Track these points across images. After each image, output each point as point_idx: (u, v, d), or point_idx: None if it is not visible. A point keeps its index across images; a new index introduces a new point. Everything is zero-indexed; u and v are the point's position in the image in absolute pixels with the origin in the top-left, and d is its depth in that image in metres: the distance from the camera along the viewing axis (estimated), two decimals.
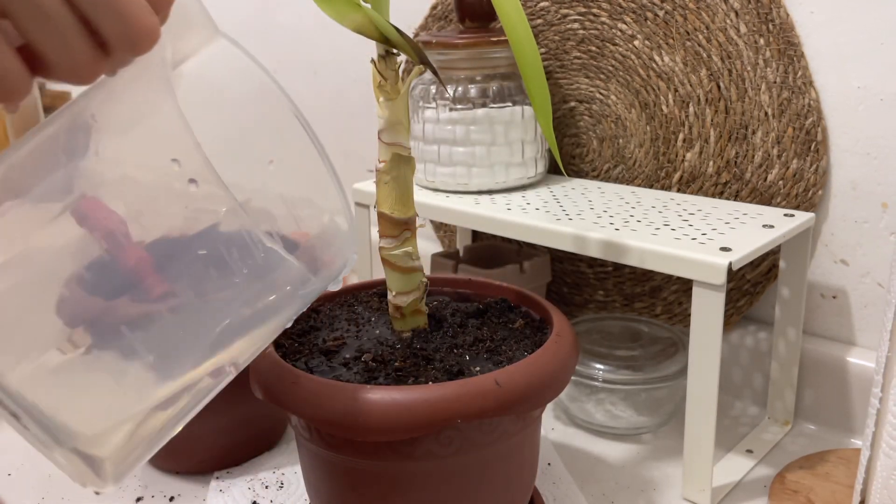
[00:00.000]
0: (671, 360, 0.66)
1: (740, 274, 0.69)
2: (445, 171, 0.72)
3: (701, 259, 0.52)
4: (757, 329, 0.70)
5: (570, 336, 0.47)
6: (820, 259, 0.66)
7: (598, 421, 0.67)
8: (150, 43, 0.29)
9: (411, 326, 0.49)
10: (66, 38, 0.27)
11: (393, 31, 0.42)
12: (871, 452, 0.49)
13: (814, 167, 0.64)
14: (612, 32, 0.72)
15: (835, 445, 0.64)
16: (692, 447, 0.56)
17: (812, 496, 0.56)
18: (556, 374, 0.44)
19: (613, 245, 0.57)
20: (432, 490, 0.44)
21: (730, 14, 0.65)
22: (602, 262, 0.78)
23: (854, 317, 0.66)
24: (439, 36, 0.71)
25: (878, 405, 0.47)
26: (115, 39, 0.28)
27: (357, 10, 0.42)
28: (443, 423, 0.40)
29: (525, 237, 0.63)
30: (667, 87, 0.70)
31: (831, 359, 0.65)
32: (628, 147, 0.74)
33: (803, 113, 0.63)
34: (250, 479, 0.61)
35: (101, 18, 0.27)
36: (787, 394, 0.66)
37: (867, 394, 0.63)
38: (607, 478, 0.61)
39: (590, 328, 0.72)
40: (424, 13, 0.85)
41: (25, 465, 0.64)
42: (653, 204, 0.66)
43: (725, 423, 0.68)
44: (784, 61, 0.63)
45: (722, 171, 0.68)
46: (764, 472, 0.60)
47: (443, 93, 0.71)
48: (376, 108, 0.45)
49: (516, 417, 0.43)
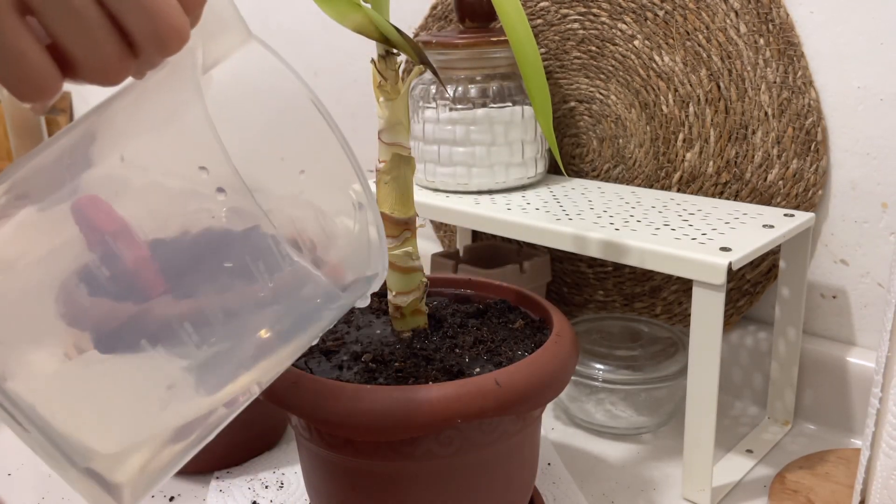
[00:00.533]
0: (671, 360, 0.66)
1: (740, 274, 0.69)
2: (445, 171, 0.72)
3: (701, 259, 0.52)
4: (757, 329, 0.70)
5: (570, 336, 0.47)
6: (820, 259, 0.66)
7: (598, 421, 0.67)
8: (180, 43, 0.28)
9: (411, 326, 0.49)
10: (95, 36, 0.27)
11: (393, 31, 0.42)
12: (870, 452, 0.49)
13: (814, 167, 0.64)
14: (612, 32, 0.72)
15: (835, 445, 0.64)
16: (692, 447, 0.56)
17: (812, 496, 0.56)
18: (556, 374, 0.44)
19: (613, 245, 0.57)
20: (432, 490, 0.44)
21: (730, 14, 0.65)
22: (602, 262, 0.78)
23: (854, 317, 0.66)
24: (439, 36, 0.71)
25: (877, 405, 0.47)
26: (144, 39, 0.27)
27: (357, 11, 0.42)
28: (443, 424, 0.40)
29: (525, 237, 0.63)
30: (667, 87, 0.70)
31: (831, 359, 0.65)
32: (628, 147, 0.74)
33: (803, 113, 0.63)
34: (250, 479, 0.61)
35: (130, 17, 0.27)
36: (786, 394, 0.66)
37: (867, 394, 0.63)
38: (607, 478, 0.61)
39: (590, 328, 0.72)
40: (424, 13, 0.85)
41: (26, 465, 0.64)
42: (653, 204, 0.66)
43: (725, 422, 0.68)
44: (784, 61, 0.63)
45: (722, 171, 0.68)
46: (764, 472, 0.60)
47: (443, 93, 0.71)
48: (376, 108, 0.45)
49: (516, 417, 0.43)
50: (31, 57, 0.26)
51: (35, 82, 0.27)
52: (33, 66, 0.26)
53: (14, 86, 0.26)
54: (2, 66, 0.26)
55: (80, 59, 0.27)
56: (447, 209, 0.69)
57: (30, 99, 0.27)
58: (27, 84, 0.27)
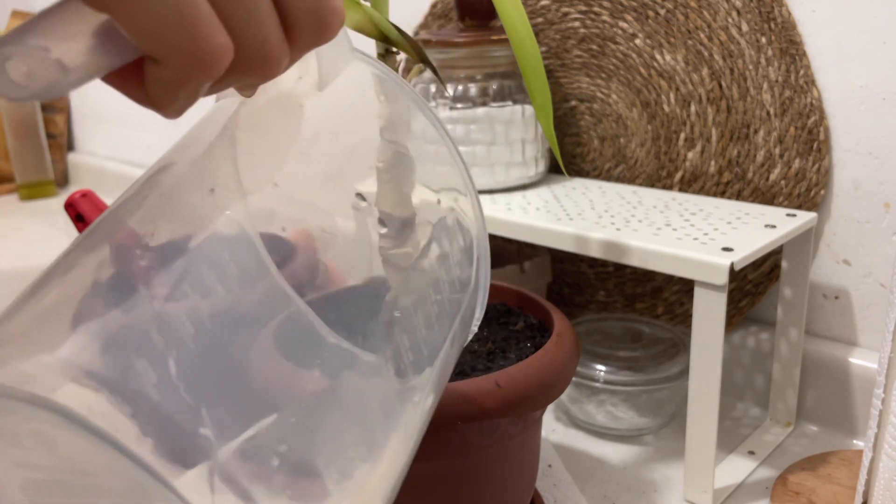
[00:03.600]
0: (672, 361, 0.65)
1: (742, 274, 0.69)
2: None
3: (702, 259, 0.52)
4: (759, 330, 0.70)
5: (570, 337, 0.47)
6: (822, 259, 0.66)
7: (599, 422, 0.66)
8: (340, 24, 0.25)
9: None
10: (261, 15, 0.23)
11: (393, 30, 0.42)
12: (873, 454, 0.48)
13: (816, 167, 0.63)
14: (613, 31, 0.71)
15: (837, 447, 0.63)
16: (694, 448, 0.55)
17: (814, 498, 0.55)
18: (557, 375, 0.44)
19: (614, 245, 0.56)
20: (432, 492, 0.43)
21: (731, 13, 0.64)
22: (603, 263, 0.78)
23: (856, 317, 0.66)
24: (439, 34, 0.70)
25: (880, 406, 0.47)
26: (305, 19, 0.24)
27: (357, 9, 0.41)
28: (443, 425, 0.40)
29: (525, 237, 0.63)
30: (668, 86, 0.69)
31: (833, 360, 0.65)
32: (629, 146, 0.74)
33: (805, 112, 0.63)
34: None
35: None
36: (788, 395, 0.66)
37: (869, 395, 0.63)
38: (608, 479, 0.60)
39: (590, 329, 0.72)
40: (424, 11, 0.85)
41: None
42: (654, 204, 0.65)
43: (727, 424, 0.67)
44: (786, 60, 0.63)
45: (724, 170, 0.68)
46: (766, 473, 0.60)
47: (443, 91, 0.70)
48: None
49: (516, 419, 0.43)
50: (269, 28, 0.23)
51: (271, 55, 0.23)
52: (266, 37, 0.23)
53: (259, 65, 0.23)
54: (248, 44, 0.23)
55: (246, 44, 0.23)
56: None
57: (268, 76, 0.23)
58: (269, 61, 0.23)
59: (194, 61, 0.21)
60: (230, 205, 0.26)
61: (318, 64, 0.30)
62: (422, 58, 0.42)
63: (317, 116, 0.30)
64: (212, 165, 0.27)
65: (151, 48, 0.21)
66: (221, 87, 0.24)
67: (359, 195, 0.28)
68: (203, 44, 0.21)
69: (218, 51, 0.21)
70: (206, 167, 0.27)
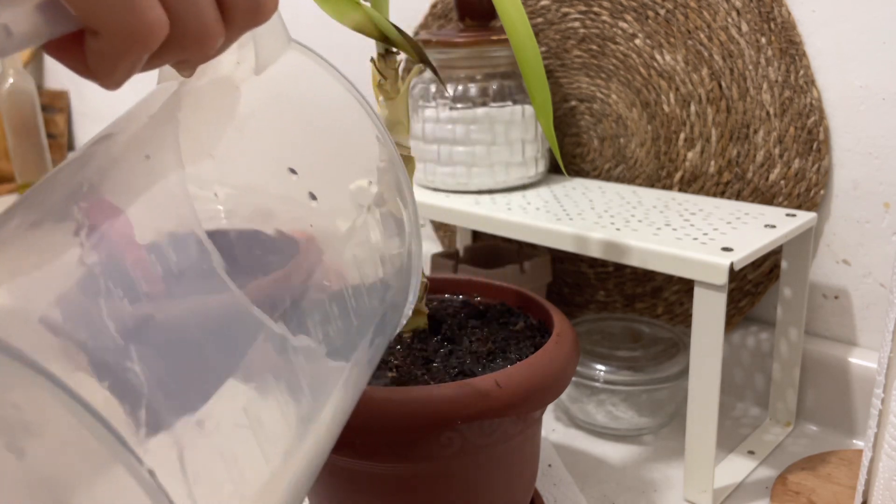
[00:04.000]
0: (672, 361, 0.65)
1: (742, 274, 0.69)
2: (445, 170, 0.72)
3: (702, 259, 0.52)
4: (758, 330, 0.70)
5: (570, 337, 0.47)
6: (822, 259, 0.66)
7: (599, 422, 0.66)
8: (273, 9, 0.26)
9: (411, 327, 0.49)
10: None
11: (393, 30, 0.42)
12: (872, 454, 0.48)
13: (815, 167, 0.63)
14: (613, 31, 0.71)
15: (836, 446, 0.63)
16: (693, 448, 0.55)
17: (814, 497, 0.55)
18: (557, 375, 0.44)
19: (614, 245, 0.56)
20: (432, 492, 0.43)
21: (731, 13, 0.64)
22: (603, 263, 0.78)
23: (856, 317, 0.66)
24: (439, 34, 0.70)
25: (879, 406, 0.47)
26: (240, 1, 0.25)
27: (357, 9, 0.42)
28: (443, 425, 0.40)
29: (525, 237, 0.63)
30: (668, 87, 0.69)
31: (833, 359, 0.65)
32: (629, 146, 0.74)
33: (805, 112, 0.63)
34: None
35: None
36: (788, 395, 0.66)
37: (869, 395, 0.63)
38: (608, 479, 0.60)
39: (591, 329, 0.72)
40: (424, 12, 0.85)
41: None
42: (654, 204, 0.65)
43: (727, 424, 0.67)
44: (786, 60, 0.63)
45: (723, 170, 0.68)
46: (766, 473, 0.60)
47: (443, 92, 0.70)
48: (376, 107, 0.45)
49: (517, 419, 0.43)
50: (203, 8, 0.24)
51: (205, 33, 0.24)
52: (201, 15, 0.24)
53: (194, 40, 0.24)
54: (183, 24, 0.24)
55: (183, 18, 0.24)
56: (447, 209, 0.68)
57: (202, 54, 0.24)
58: (205, 38, 0.24)
59: (130, 34, 0.22)
60: (167, 172, 0.27)
61: (255, 49, 0.31)
62: (422, 58, 0.42)
63: (252, 98, 0.32)
64: (150, 136, 0.28)
65: (90, 20, 0.22)
66: (160, 62, 0.25)
67: (291, 169, 0.29)
68: (139, 18, 0.22)
69: (153, 25, 0.22)
70: (144, 137, 0.28)
